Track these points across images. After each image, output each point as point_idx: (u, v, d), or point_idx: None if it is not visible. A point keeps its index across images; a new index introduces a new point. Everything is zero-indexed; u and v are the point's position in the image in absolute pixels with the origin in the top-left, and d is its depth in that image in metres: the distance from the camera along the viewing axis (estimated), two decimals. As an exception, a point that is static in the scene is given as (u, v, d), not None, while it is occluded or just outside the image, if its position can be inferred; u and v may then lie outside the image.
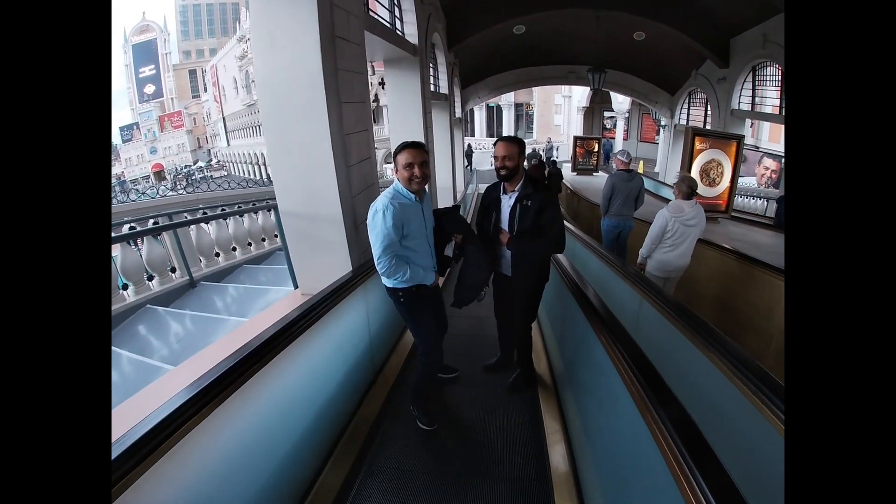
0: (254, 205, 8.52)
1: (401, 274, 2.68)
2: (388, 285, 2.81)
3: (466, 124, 36.85)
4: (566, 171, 18.18)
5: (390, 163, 5.88)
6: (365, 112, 4.18)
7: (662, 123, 20.66)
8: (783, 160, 17.89)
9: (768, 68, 11.79)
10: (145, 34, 73.70)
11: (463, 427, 3.08)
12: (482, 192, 3.26)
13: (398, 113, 7.58)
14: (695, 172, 8.94)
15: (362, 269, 3.38)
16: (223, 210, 7.75)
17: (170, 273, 5.93)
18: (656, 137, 28.52)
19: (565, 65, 17.48)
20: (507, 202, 2.95)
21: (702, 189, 8.79)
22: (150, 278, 5.63)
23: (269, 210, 8.07)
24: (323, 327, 2.64)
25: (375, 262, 2.65)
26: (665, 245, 4.57)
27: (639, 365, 1.69)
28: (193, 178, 52.22)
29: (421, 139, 7.38)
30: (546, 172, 12.04)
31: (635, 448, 1.62)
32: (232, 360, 1.82)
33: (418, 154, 2.64)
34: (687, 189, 4.53)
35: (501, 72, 17.90)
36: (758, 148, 25.77)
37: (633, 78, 17.87)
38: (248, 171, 54.22)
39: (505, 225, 2.96)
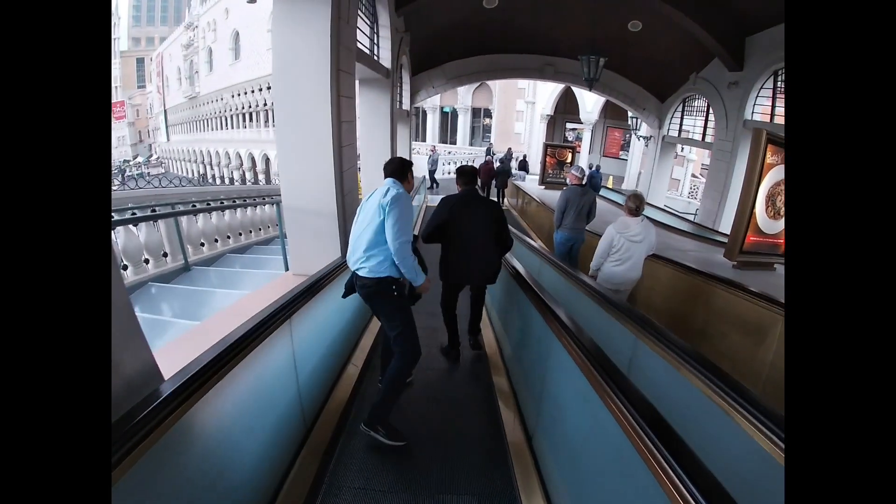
0: (234, 202, 9.98)
1: (413, 257, 3.14)
2: (387, 275, 3.06)
3: (417, 127, 33.30)
4: (533, 183, 18.03)
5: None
6: (353, 129, 5.75)
7: (643, 135, 19.44)
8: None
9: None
10: (94, 15, 71.73)
11: (426, 436, 3.22)
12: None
13: (368, 126, 9.16)
14: (760, 198, 6.64)
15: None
16: (208, 205, 9.20)
17: (164, 258, 7.01)
18: (621, 153, 29.56)
19: (542, 55, 15.67)
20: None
21: (764, 223, 6.86)
22: (146, 261, 6.69)
23: (255, 206, 9.63)
24: (319, 302, 3.28)
25: (402, 242, 2.97)
26: (612, 259, 4.92)
27: (595, 357, 2.03)
28: (127, 174, 51.24)
29: (387, 149, 9.17)
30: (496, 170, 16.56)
31: (596, 430, 1.99)
32: (243, 330, 2.15)
33: None
34: (633, 206, 4.85)
35: (463, 57, 15.58)
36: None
37: (619, 78, 16.30)
38: (189, 170, 53.38)
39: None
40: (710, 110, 13.87)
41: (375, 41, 8.97)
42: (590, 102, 28.20)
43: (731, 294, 4.63)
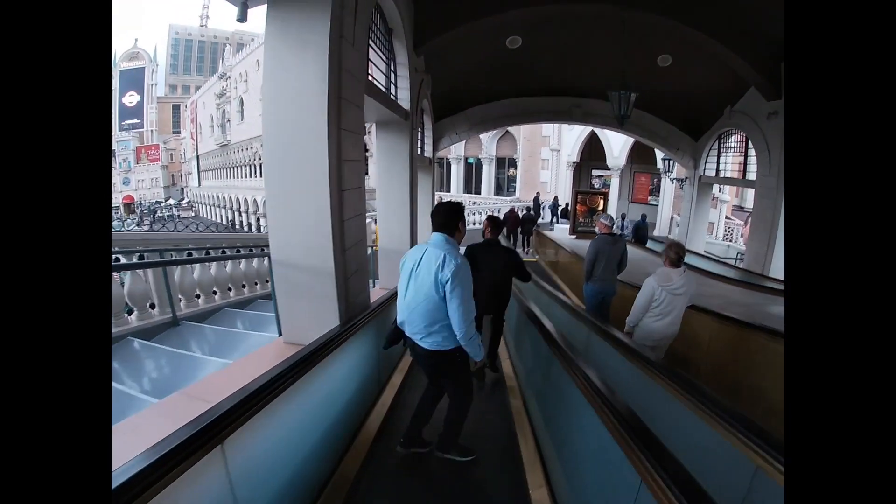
0: (238, 251, 9.15)
1: (480, 342, 3.16)
2: (453, 347, 3.10)
3: (441, 177, 34.42)
4: (563, 234, 17.27)
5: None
6: (360, 170, 4.79)
7: (677, 177, 18.82)
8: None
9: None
10: (134, 61, 75.87)
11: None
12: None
13: (386, 171, 8.27)
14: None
15: (349, 324, 3.89)
16: (207, 253, 8.38)
17: (150, 309, 6.35)
18: (649, 198, 28.77)
19: (569, 97, 14.72)
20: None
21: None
22: (130, 312, 6.04)
23: (254, 257, 8.71)
24: (309, 382, 2.85)
25: (468, 325, 2.95)
26: (652, 314, 4.62)
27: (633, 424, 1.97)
28: (158, 215, 52.42)
29: (406, 197, 8.21)
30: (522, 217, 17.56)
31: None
32: (213, 415, 1.88)
33: None
34: (675, 256, 4.61)
35: (487, 102, 14.79)
36: (742, 208, 26.73)
37: (650, 117, 15.17)
38: (219, 215, 54.42)
39: None
40: (749, 145, 12.85)
41: (393, 80, 8.17)
42: (616, 147, 27.24)
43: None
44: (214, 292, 7.83)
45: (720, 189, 22.31)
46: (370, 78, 6.33)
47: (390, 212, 8.27)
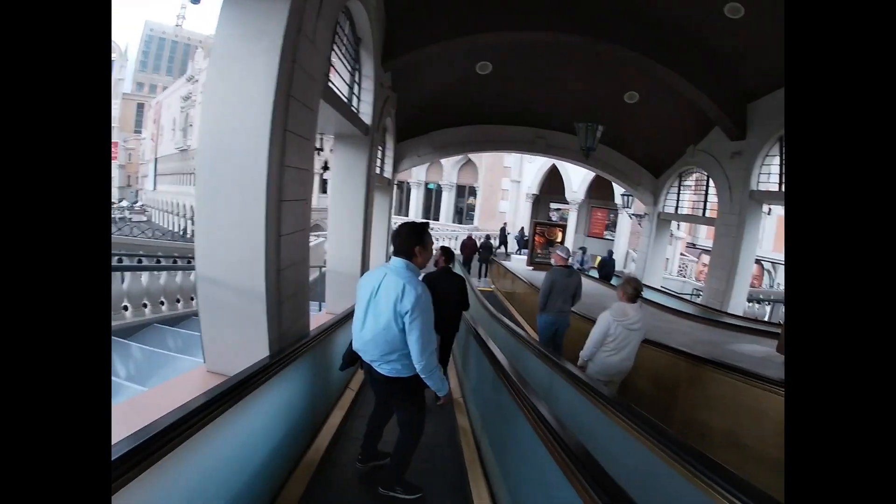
0: (174, 261, 8.40)
1: (441, 374, 2.99)
2: (410, 374, 2.94)
3: (400, 202, 33.92)
4: (521, 264, 17.21)
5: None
6: (306, 180, 4.26)
7: (636, 213, 18.68)
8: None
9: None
10: (102, 53, 73.21)
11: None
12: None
13: (340, 187, 7.74)
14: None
15: (280, 354, 3.31)
16: (140, 262, 7.63)
17: None
18: (605, 233, 28.98)
19: (534, 127, 14.62)
20: None
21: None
22: None
23: (193, 270, 7.94)
24: (230, 420, 2.41)
25: (430, 353, 2.82)
26: (607, 348, 4.56)
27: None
28: (109, 216, 50.06)
29: (360, 217, 7.66)
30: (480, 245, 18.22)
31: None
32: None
33: None
34: (632, 291, 4.59)
35: (452, 126, 14.37)
36: (694, 245, 27.67)
37: (613, 153, 15.09)
38: (172, 222, 52.42)
39: None
40: (710, 183, 13.10)
41: (356, 92, 7.68)
42: (576, 181, 27.37)
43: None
44: (145, 305, 7.09)
45: (678, 226, 22.66)
46: (331, 84, 5.85)
47: (342, 231, 7.67)
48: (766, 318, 12.90)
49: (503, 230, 26.06)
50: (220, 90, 3.57)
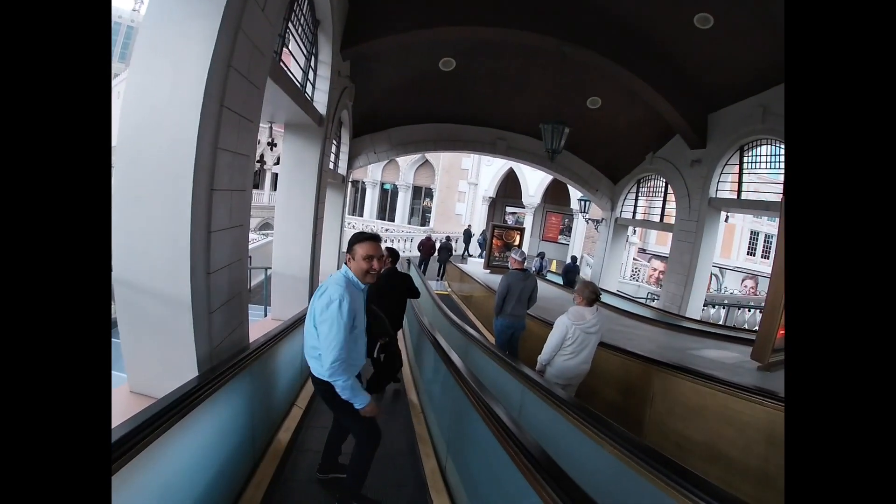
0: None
1: (346, 378, 2.70)
2: (326, 378, 2.74)
3: (355, 201, 33.49)
4: (478, 266, 16.65)
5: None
6: (245, 168, 3.64)
7: (593, 217, 18.13)
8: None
9: (764, 147, 10.10)
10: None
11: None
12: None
13: (288, 182, 7.10)
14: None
15: (213, 374, 2.72)
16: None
17: None
18: (560, 237, 29.36)
19: (496, 129, 14.31)
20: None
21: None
22: None
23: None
24: (149, 460, 1.96)
25: (330, 363, 2.63)
26: (565, 352, 4.55)
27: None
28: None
29: (310, 214, 7.03)
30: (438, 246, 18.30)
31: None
32: None
33: (377, 248, 2.81)
34: (590, 295, 4.58)
35: (412, 123, 13.84)
36: (645, 251, 28.18)
37: (572, 157, 14.87)
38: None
39: None
40: (669, 190, 13.10)
41: (311, 78, 7.05)
42: (533, 185, 27.39)
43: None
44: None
45: (634, 231, 22.86)
46: (282, 65, 5.24)
47: (289, 230, 7.02)
48: (720, 322, 13.02)
49: (467, 232, 25.55)
50: (147, 59, 2.93)
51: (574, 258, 15.84)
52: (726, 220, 12.00)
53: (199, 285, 2.98)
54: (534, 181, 27.09)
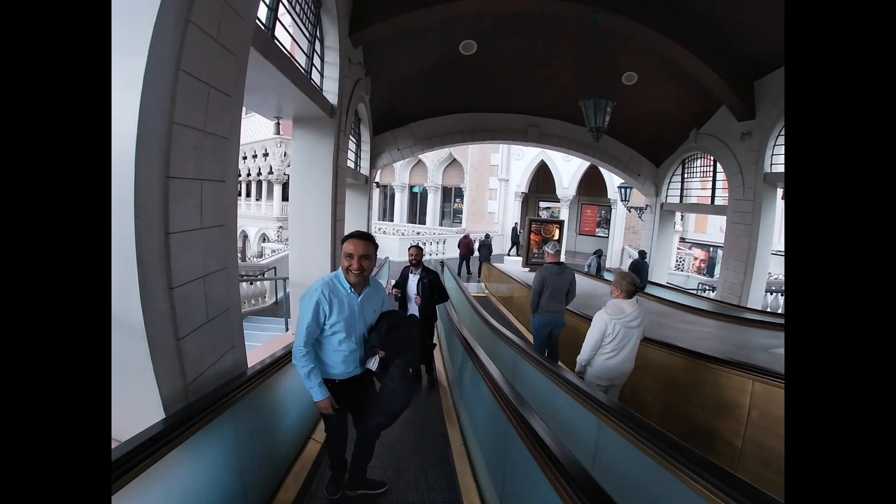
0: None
1: (303, 366, 2.65)
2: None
3: (384, 206, 33.34)
4: (517, 266, 15.59)
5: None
6: (224, 154, 2.93)
7: (635, 206, 16.97)
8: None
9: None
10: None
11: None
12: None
13: (302, 184, 6.45)
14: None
15: (184, 415, 2.11)
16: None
17: None
18: (598, 230, 28.40)
19: (526, 115, 13.17)
20: (413, 279, 5.45)
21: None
22: None
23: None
24: None
25: (294, 349, 2.67)
26: (606, 350, 4.30)
27: None
28: None
29: (327, 216, 6.35)
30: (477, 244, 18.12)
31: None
32: None
33: (361, 246, 2.69)
34: (629, 287, 4.33)
35: (435, 115, 12.87)
36: (685, 239, 26.75)
37: (611, 141, 13.66)
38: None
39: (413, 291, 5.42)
40: (718, 168, 11.99)
41: (317, 65, 6.38)
42: (566, 178, 26.12)
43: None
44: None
45: (682, 217, 21.66)
46: (277, 42, 4.56)
47: (305, 234, 6.37)
48: (780, 311, 11.63)
49: (515, 230, 24.44)
50: None
51: (643, 252, 13.80)
52: (783, 198, 10.85)
53: (157, 304, 2.28)
54: (567, 173, 25.88)
